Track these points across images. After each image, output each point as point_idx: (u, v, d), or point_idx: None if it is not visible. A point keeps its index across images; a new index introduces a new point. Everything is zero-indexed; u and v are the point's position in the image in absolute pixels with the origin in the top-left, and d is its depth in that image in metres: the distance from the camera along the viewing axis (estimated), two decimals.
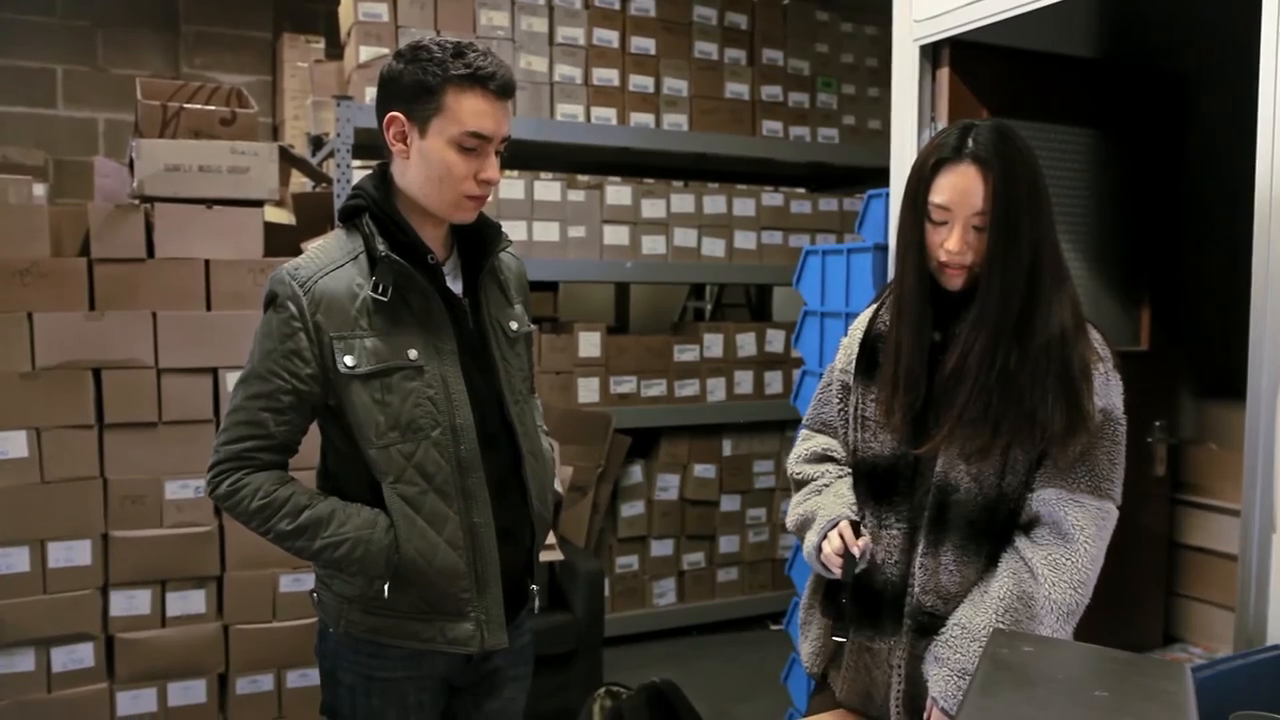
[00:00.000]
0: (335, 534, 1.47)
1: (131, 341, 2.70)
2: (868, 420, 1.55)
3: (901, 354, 1.48)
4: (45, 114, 5.14)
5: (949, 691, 1.40)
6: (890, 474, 1.51)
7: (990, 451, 1.42)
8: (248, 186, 2.87)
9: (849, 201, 4.34)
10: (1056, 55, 2.56)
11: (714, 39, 4.04)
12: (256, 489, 1.48)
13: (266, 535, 1.50)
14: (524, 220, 3.68)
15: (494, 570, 1.53)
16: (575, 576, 3.09)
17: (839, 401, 1.63)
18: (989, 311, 1.40)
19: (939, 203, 1.42)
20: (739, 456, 4.24)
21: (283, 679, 2.89)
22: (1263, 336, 1.70)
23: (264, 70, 5.42)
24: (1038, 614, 1.40)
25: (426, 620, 1.52)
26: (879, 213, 2.63)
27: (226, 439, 1.49)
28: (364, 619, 1.53)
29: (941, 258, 1.44)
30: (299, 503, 1.48)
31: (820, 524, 1.51)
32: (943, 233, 1.43)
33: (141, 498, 2.73)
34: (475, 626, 1.53)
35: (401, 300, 1.48)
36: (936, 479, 1.46)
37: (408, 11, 3.53)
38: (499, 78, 1.45)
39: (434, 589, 1.50)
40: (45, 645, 2.66)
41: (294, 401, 1.48)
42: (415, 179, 1.48)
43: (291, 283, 1.45)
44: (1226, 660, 1.48)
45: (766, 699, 3.40)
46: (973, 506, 1.45)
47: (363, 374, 1.46)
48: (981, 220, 1.41)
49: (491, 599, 1.53)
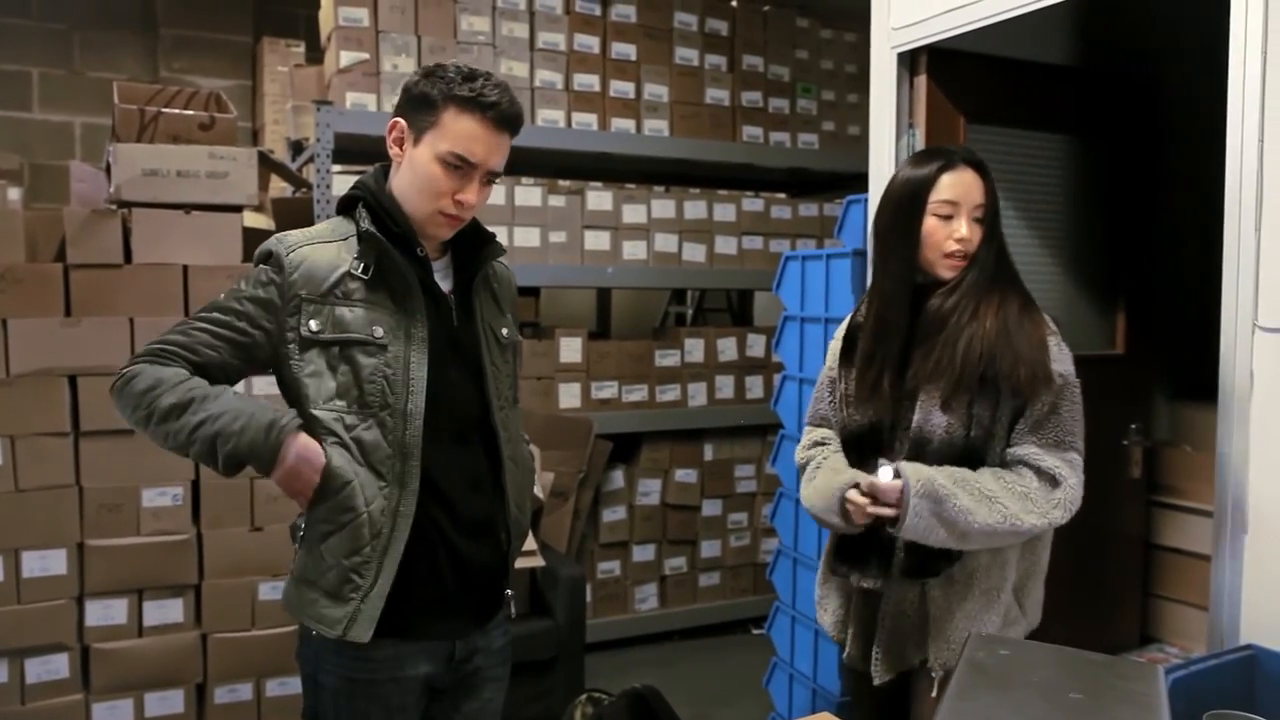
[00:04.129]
0: (216, 406, 1.44)
1: (108, 348, 2.67)
2: (850, 397, 1.78)
3: (887, 332, 1.72)
4: (20, 117, 5.09)
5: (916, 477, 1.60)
6: (872, 436, 1.74)
7: (960, 396, 1.64)
8: (226, 191, 2.86)
9: (829, 207, 4.36)
10: (1032, 63, 2.59)
11: (694, 45, 4.06)
12: (154, 375, 1.46)
13: (148, 422, 1.45)
14: (505, 225, 3.68)
15: (392, 568, 1.50)
16: (556, 582, 3.08)
17: (830, 395, 1.88)
18: (982, 280, 1.68)
19: (948, 198, 1.69)
20: (720, 461, 4.25)
21: (262, 688, 2.87)
22: (1234, 339, 1.73)
23: (243, 75, 5.38)
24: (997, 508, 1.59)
25: (312, 588, 1.52)
26: (858, 218, 2.65)
27: (153, 341, 1.51)
28: (293, 587, 1.55)
29: (952, 247, 1.69)
30: (189, 383, 1.45)
31: (837, 486, 1.70)
32: (949, 226, 1.68)
33: (118, 506, 2.71)
34: (350, 612, 1.49)
35: (382, 281, 1.52)
36: (913, 431, 1.68)
37: (388, 16, 3.52)
38: (500, 109, 1.48)
39: (330, 555, 1.49)
40: (19, 656, 2.63)
41: (234, 337, 1.49)
42: (402, 183, 1.54)
43: (278, 245, 1.52)
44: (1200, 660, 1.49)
45: (748, 703, 3.40)
46: (947, 454, 1.65)
47: (324, 340, 1.49)
48: (980, 212, 1.70)
49: (377, 593, 1.49)
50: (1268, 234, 1.67)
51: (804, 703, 2.85)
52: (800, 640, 2.87)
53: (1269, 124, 1.66)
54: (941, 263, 1.70)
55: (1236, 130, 1.70)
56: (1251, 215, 1.69)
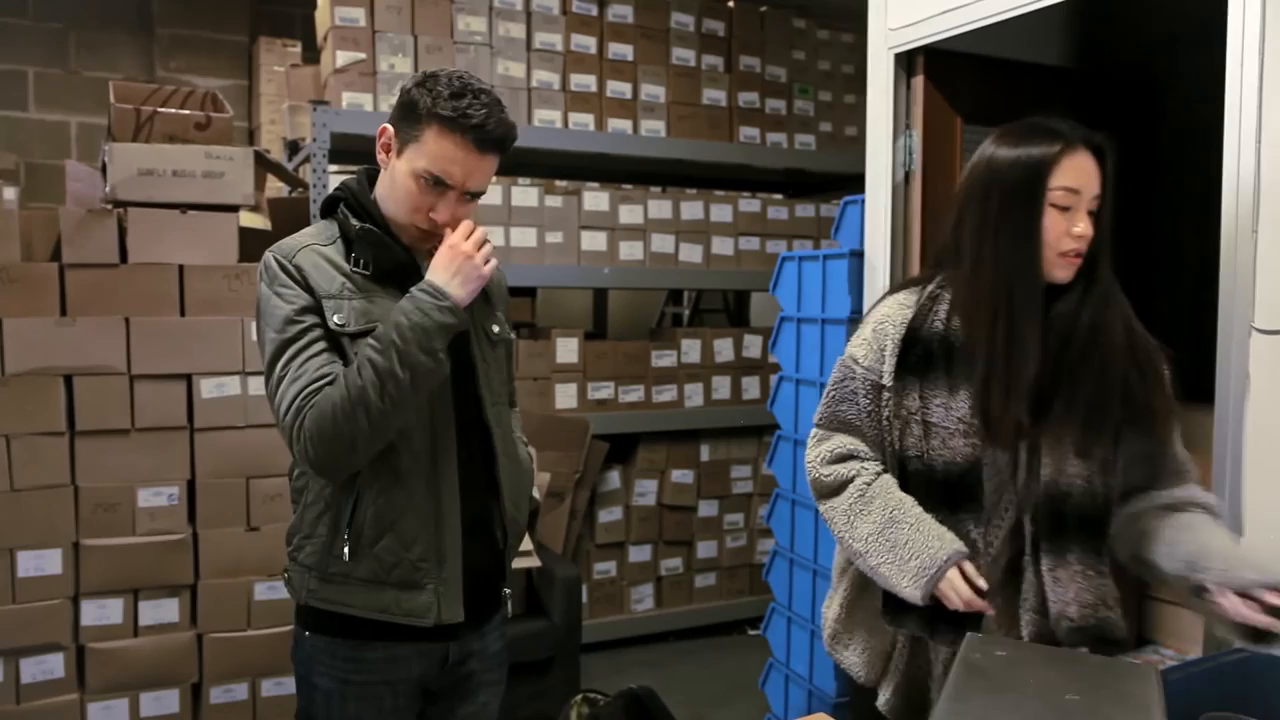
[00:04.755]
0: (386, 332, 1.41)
1: (104, 348, 2.67)
2: (934, 426, 1.46)
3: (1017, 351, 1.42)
4: (16, 116, 5.07)
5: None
6: (967, 479, 1.46)
7: (1103, 443, 1.41)
8: (222, 191, 2.85)
9: (825, 207, 4.36)
10: (1030, 64, 2.59)
11: (691, 45, 4.06)
12: (334, 389, 1.42)
13: (366, 402, 1.39)
14: (501, 226, 3.68)
15: (455, 544, 1.53)
16: (552, 583, 3.08)
17: (868, 402, 1.55)
18: (1113, 291, 1.46)
19: (1070, 186, 1.42)
20: (717, 462, 4.24)
21: (257, 688, 2.86)
22: (1230, 341, 1.73)
23: (240, 74, 5.37)
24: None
25: (381, 588, 1.51)
26: (855, 219, 2.65)
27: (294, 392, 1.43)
28: (322, 587, 1.53)
29: (1070, 245, 1.43)
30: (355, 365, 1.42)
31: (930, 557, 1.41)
32: (1067, 219, 1.43)
33: (113, 505, 2.70)
34: (432, 597, 1.52)
35: (381, 274, 1.53)
36: (1046, 484, 1.42)
37: (384, 16, 3.52)
38: (484, 131, 1.45)
39: (392, 553, 1.50)
40: (14, 656, 2.62)
41: (322, 335, 1.48)
42: (382, 190, 1.56)
43: (278, 254, 1.53)
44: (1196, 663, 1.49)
45: (745, 704, 3.40)
46: (1089, 509, 1.43)
47: (352, 332, 1.49)
48: (1096, 204, 1.45)
49: (450, 572, 1.53)
50: (1265, 236, 1.67)
51: (800, 704, 2.85)
52: (796, 641, 2.87)
53: (1266, 126, 1.66)
54: (1056, 263, 1.44)
55: (1234, 132, 1.70)
56: (1249, 217, 1.69)
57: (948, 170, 2.48)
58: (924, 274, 1.62)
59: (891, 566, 1.44)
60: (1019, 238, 1.43)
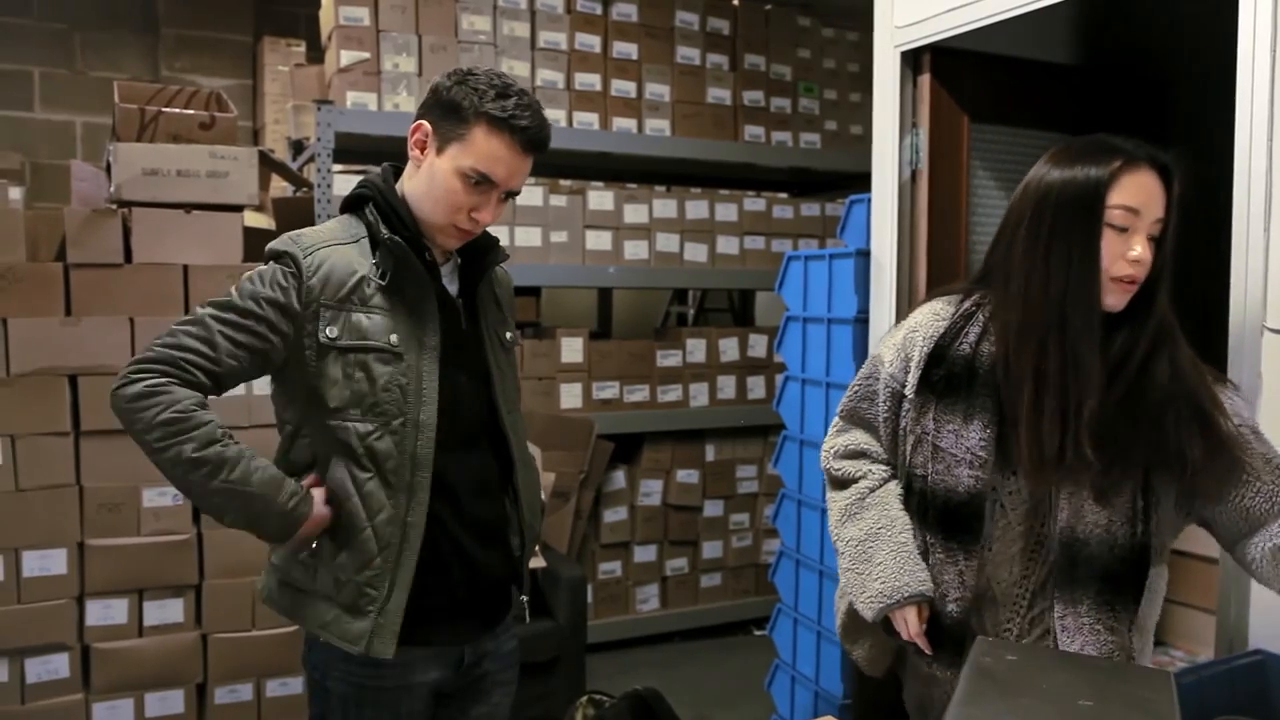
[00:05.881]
0: (239, 482, 1.38)
1: (109, 347, 2.67)
2: (942, 451, 1.42)
3: (1074, 379, 1.32)
4: (22, 117, 5.08)
5: None
6: (964, 511, 1.41)
7: (1123, 490, 1.33)
8: (227, 191, 2.85)
9: (831, 207, 4.35)
10: (1038, 61, 2.57)
11: (696, 44, 4.05)
12: (175, 400, 1.36)
13: (161, 454, 1.36)
14: (506, 225, 3.67)
15: (406, 578, 1.48)
16: (557, 583, 3.07)
17: (887, 407, 1.54)
18: (1167, 328, 1.36)
19: (1129, 205, 1.32)
20: (722, 462, 4.23)
21: (262, 688, 2.86)
22: (1242, 342, 1.71)
23: (244, 74, 5.38)
24: None
25: (329, 604, 1.49)
26: (861, 218, 2.64)
27: (167, 341, 1.41)
28: (277, 589, 1.53)
29: (1124, 270, 1.32)
30: (212, 433, 1.38)
31: (894, 589, 1.43)
32: (1124, 241, 1.32)
33: (118, 505, 2.70)
34: (369, 626, 1.47)
35: (397, 288, 1.49)
36: (1062, 529, 1.36)
37: (388, 16, 3.51)
38: (530, 132, 1.45)
39: (342, 572, 1.47)
40: (19, 656, 2.62)
41: (254, 342, 1.43)
42: (418, 189, 1.51)
43: (295, 246, 1.48)
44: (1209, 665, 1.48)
45: (750, 705, 3.39)
46: (1108, 561, 1.34)
47: (341, 346, 1.45)
48: (1158, 229, 1.34)
49: (394, 606, 1.47)
50: (1277, 234, 1.66)
51: (806, 705, 2.83)
52: (802, 642, 2.86)
53: (1278, 123, 1.65)
54: (1109, 287, 1.34)
55: (1245, 129, 1.69)
56: (1260, 215, 1.67)
57: (954, 169, 2.46)
58: (964, 285, 1.54)
59: (858, 578, 1.49)
60: (1075, 257, 1.33)
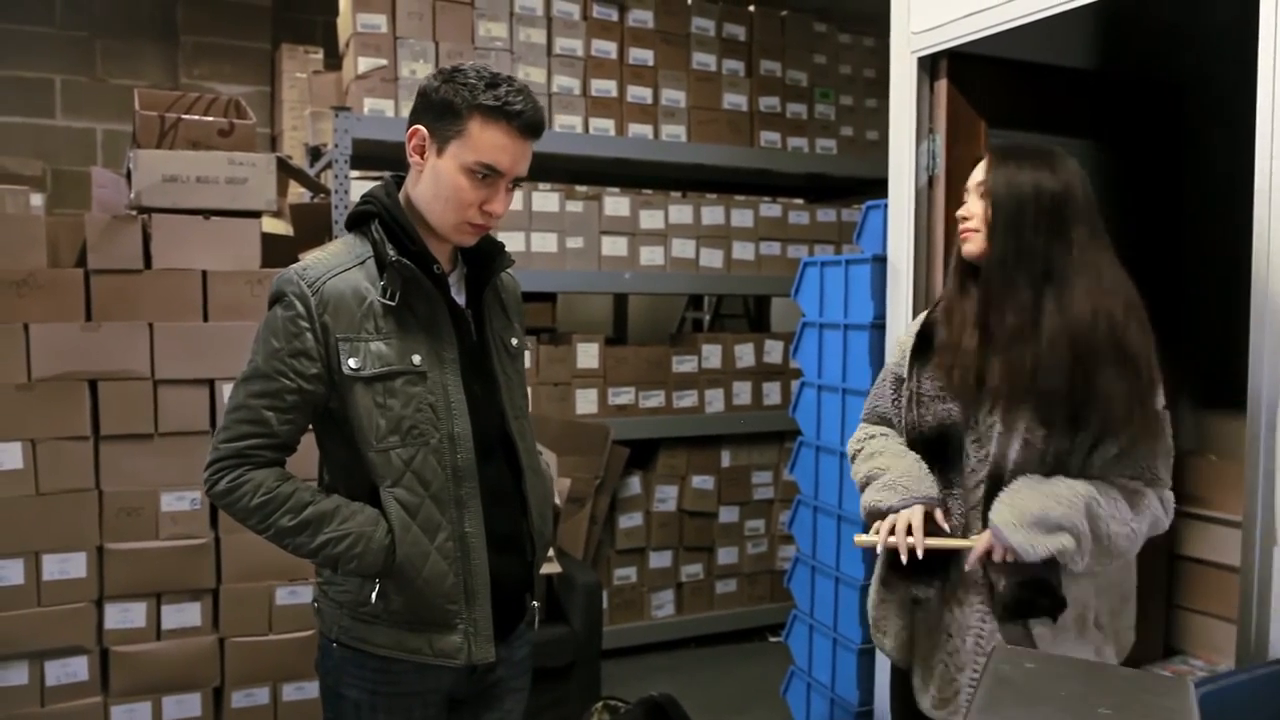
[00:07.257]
0: (337, 529, 1.47)
1: (128, 353, 2.69)
2: (922, 396, 1.69)
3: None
4: (43, 124, 5.13)
5: (1008, 520, 1.51)
6: (939, 439, 1.65)
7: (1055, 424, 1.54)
8: (245, 197, 2.86)
9: (847, 212, 4.34)
10: (1053, 67, 2.56)
11: (712, 50, 4.05)
12: (258, 485, 1.46)
13: (265, 533, 1.48)
14: (522, 231, 3.68)
15: (483, 582, 1.52)
16: (573, 589, 3.07)
17: (893, 393, 1.82)
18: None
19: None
20: (737, 468, 4.22)
21: (279, 692, 2.86)
22: (1262, 346, 1.70)
23: (262, 81, 5.41)
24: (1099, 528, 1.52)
25: (413, 630, 1.51)
26: (877, 223, 2.63)
27: (227, 436, 1.48)
28: (353, 625, 1.52)
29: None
30: (302, 498, 1.48)
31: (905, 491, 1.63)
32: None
33: (137, 510, 2.72)
34: (463, 639, 1.51)
35: (408, 306, 1.49)
36: (994, 456, 1.59)
37: (406, 23, 3.53)
38: (526, 116, 1.46)
39: (421, 598, 1.49)
40: (39, 658, 2.64)
41: (298, 400, 1.47)
42: (424, 193, 1.50)
43: (300, 282, 1.46)
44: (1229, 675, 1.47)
45: (766, 712, 3.38)
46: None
47: (366, 376, 1.46)
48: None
49: (480, 611, 1.52)
50: None
51: (822, 712, 2.82)
52: (818, 649, 2.85)
53: None
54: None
55: (1266, 133, 1.68)
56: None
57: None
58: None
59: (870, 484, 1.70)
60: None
